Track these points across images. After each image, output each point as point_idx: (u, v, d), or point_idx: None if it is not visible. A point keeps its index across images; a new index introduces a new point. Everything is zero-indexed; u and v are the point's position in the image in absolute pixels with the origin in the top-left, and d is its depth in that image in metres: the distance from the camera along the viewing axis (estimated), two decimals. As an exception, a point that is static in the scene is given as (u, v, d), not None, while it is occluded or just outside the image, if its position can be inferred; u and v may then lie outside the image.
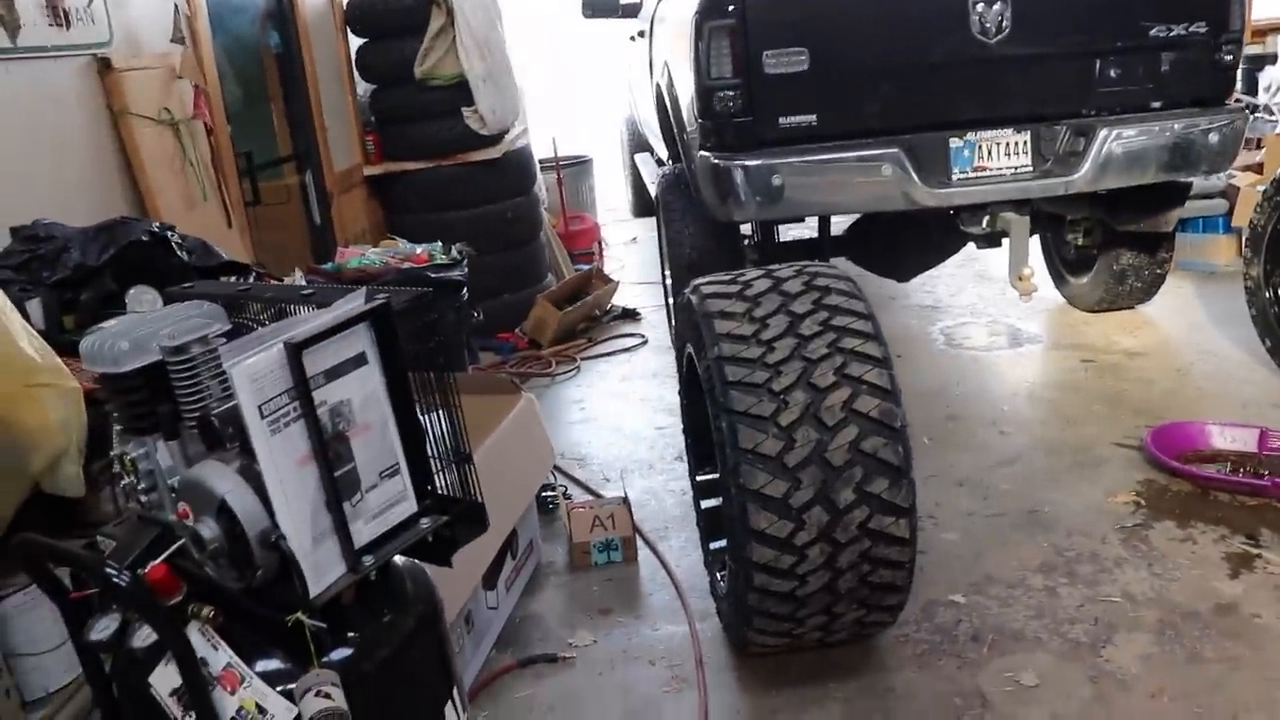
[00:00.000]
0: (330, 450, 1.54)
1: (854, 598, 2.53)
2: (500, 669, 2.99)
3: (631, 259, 7.67)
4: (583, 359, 5.60)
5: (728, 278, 2.73)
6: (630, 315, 6.17)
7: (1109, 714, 2.56)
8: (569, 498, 3.94)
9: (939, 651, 2.85)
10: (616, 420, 4.77)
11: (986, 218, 4.13)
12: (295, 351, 1.49)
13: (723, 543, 2.88)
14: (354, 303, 1.63)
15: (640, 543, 3.60)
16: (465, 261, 4.33)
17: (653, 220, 6.05)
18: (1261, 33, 8.01)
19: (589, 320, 6.07)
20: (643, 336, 5.83)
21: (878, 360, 2.47)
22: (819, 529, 2.40)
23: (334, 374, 1.57)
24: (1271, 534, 3.25)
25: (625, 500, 3.58)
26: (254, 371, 1.46)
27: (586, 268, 6.74)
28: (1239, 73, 4.93)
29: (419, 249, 4.24)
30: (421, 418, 1.80)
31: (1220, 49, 4.09)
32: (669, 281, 5.13)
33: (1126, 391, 4.44)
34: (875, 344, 2.50)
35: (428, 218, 5.81)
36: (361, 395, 1.60)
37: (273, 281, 3.64)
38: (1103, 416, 4.22)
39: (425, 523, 1.67)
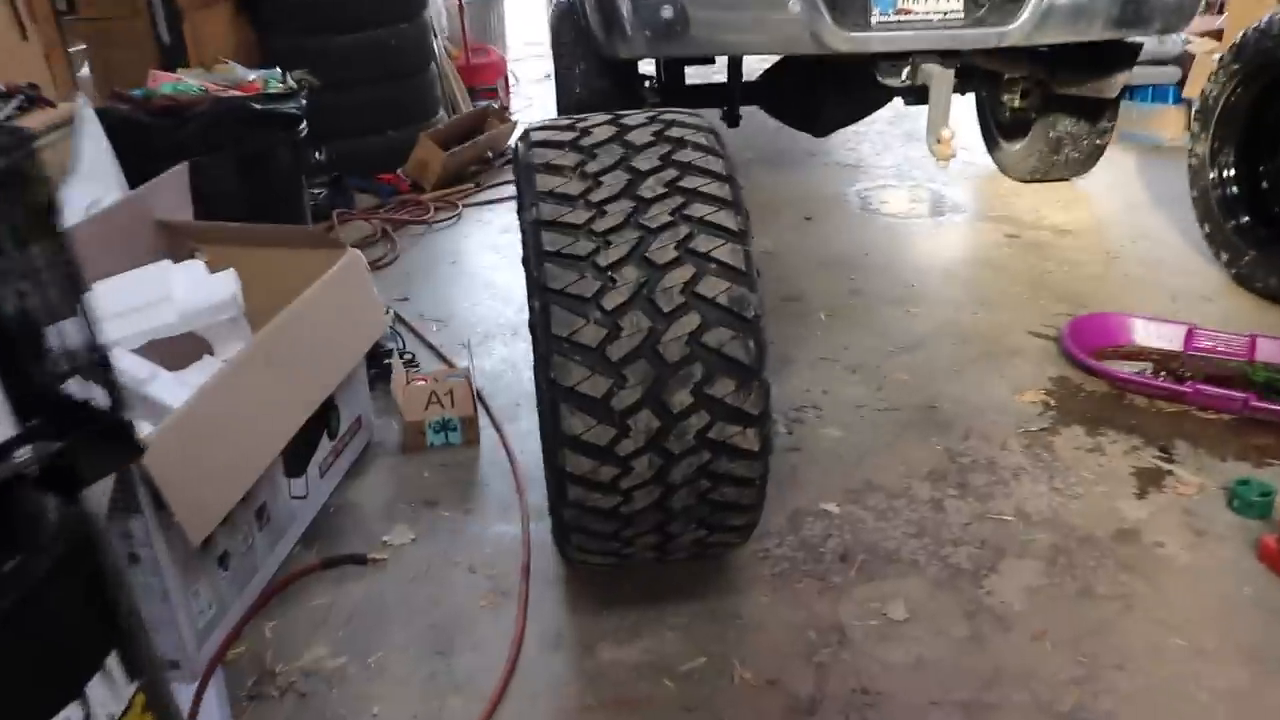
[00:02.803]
0: None
1: (692, 516, 2.13)
2: (299, 570, 2.58)
3: (543, 97, 7.04)
4: (466, 205, 5.07)
5: (566, 122, 2.22)
6: (527, 161, 5.61)
7: (983, 659, 2.21)
8: (415, 366, 3.49)
9: (799, 572, 2.48)
10: (489, 276, 4.29)
11: (907, 69, 3.62)
12: None
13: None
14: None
15: (488, 422, 3.17)
16: (304, 93, 3.74)
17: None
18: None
19: (481, 163, 5.51)
20: (536, 185, 5.28)
21: (731, 233, 2.00)
22: (647, 437, 1.97)
23: None
24: (1187, 447, 2.90)
25: (468, 375, 3.13)
26: None
27: (486, 104, 6.14)
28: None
29: (252, 76, 3.65)
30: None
31: (1188, -116, 3.56)
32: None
33: (1050, 274, 4.04)
34: (731, 213, 2.03)
35: (303, 42, 5.17)
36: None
37: (47, 108, 3.07)
38: (1021, 301, 3.82)
39: (24, 454, 1.20)
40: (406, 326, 3.82)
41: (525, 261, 2.12)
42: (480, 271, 4.35)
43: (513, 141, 5.71)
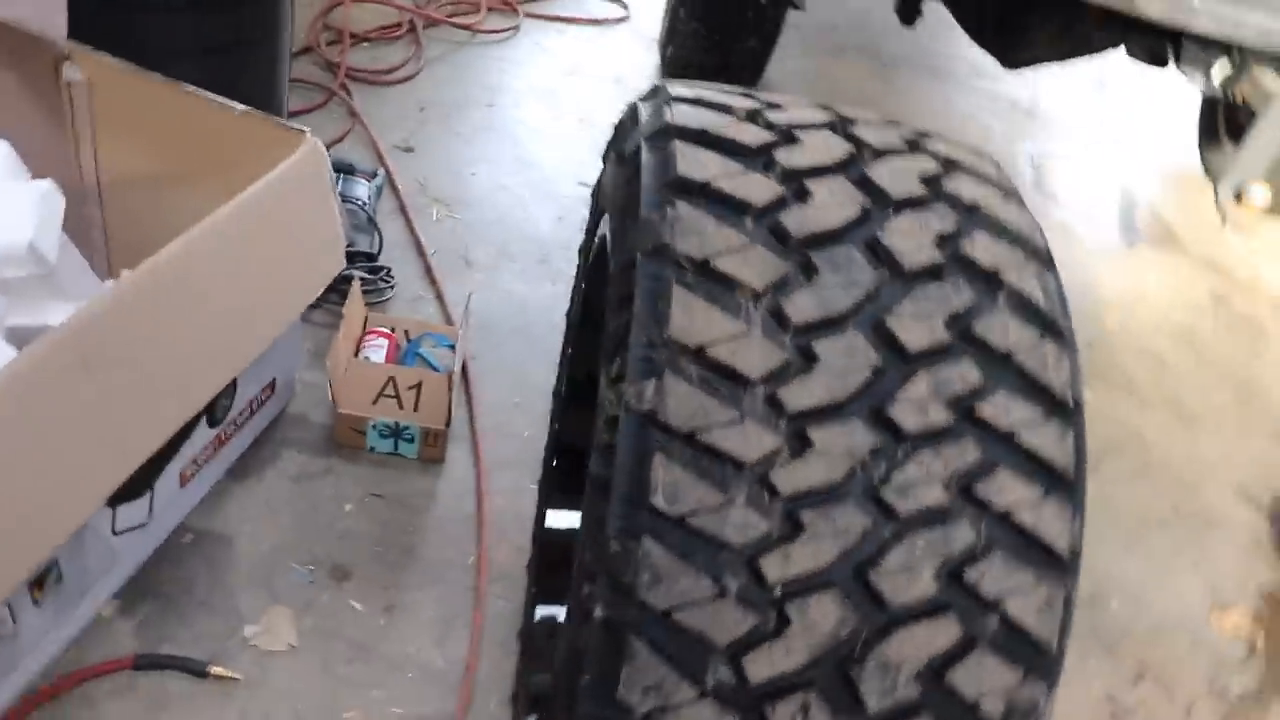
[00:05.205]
0: None
1: None
2: (91, 669, 1.59)
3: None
4: (529, 15, 3.79)
5: (756, 141, 1.06)
6: (622, -35, 4.29)
7: None
8: (385, 287, 2.39)
9: None
10: (532, 144, 3.12)
11: (1229, 70, 2.42)
12: None
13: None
14: None
15: (465, 427, 2.13)
16: None
17: None
18: None
19: (563, -47, 4.19)
20: (626, 8, 4.00)
21: (1052, 560, 0.93)
22: None
23: None
24: None
25: (452, 373, 2.03)
26: None
27: None
28: None
29: None
30: None
31: None
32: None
33: (1267, 378, 2.96)
34: (1067, 452, 0.95)
35: None
36: None
37: None
38: (1225, 419, 2.76)
39: None
40: (397, 200, 2.69)
41: (591, 480, 1.01)
42: (522, 131, 3.17)
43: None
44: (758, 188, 1.01)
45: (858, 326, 0.93)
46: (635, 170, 1.08)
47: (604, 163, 1.35)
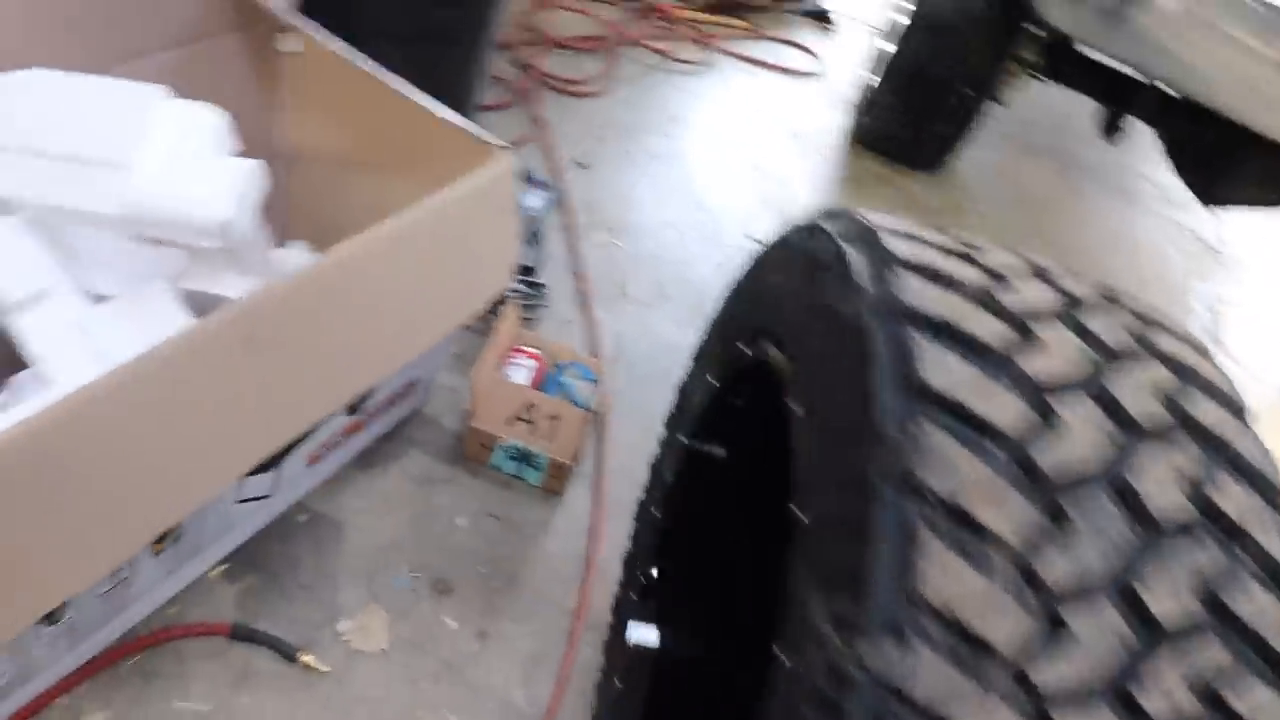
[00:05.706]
0: None
1: None
2: (188, 628, 1.60)
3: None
4: (724, 52, 3.77)
5: (997, 341, 0.94)
6: (821, 19, 4.25)
7: None
8: (538, 308, 2.38)
9: None
10: (703, 181, 3.08)
11: None
12: None
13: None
14: None
15: (589, 464, 2.10)
16: None
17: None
18: None
19: (769, -3, 4.18)
20: (819, 63, 3.96)
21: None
22: None
23: None
24: None
25: (590, 411, 2.02)
26: None
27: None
28: None
29: None
30: None
31: None
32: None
33: None
34: None
35: None
36: None
37: None
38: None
39: None
40: (563, 216, 2.68)
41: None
42: (696, 167, 3.15)
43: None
44: (1005, 408, 0.89)
45: (1108, 593, 0.84)
46: (860, 355, 0.95)
47: (765, 269, 1.29)
